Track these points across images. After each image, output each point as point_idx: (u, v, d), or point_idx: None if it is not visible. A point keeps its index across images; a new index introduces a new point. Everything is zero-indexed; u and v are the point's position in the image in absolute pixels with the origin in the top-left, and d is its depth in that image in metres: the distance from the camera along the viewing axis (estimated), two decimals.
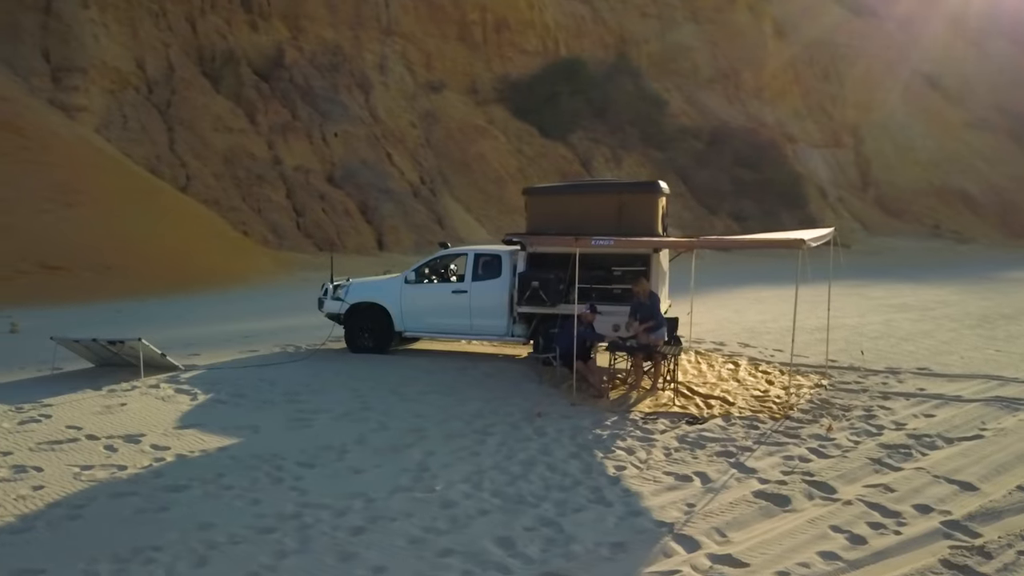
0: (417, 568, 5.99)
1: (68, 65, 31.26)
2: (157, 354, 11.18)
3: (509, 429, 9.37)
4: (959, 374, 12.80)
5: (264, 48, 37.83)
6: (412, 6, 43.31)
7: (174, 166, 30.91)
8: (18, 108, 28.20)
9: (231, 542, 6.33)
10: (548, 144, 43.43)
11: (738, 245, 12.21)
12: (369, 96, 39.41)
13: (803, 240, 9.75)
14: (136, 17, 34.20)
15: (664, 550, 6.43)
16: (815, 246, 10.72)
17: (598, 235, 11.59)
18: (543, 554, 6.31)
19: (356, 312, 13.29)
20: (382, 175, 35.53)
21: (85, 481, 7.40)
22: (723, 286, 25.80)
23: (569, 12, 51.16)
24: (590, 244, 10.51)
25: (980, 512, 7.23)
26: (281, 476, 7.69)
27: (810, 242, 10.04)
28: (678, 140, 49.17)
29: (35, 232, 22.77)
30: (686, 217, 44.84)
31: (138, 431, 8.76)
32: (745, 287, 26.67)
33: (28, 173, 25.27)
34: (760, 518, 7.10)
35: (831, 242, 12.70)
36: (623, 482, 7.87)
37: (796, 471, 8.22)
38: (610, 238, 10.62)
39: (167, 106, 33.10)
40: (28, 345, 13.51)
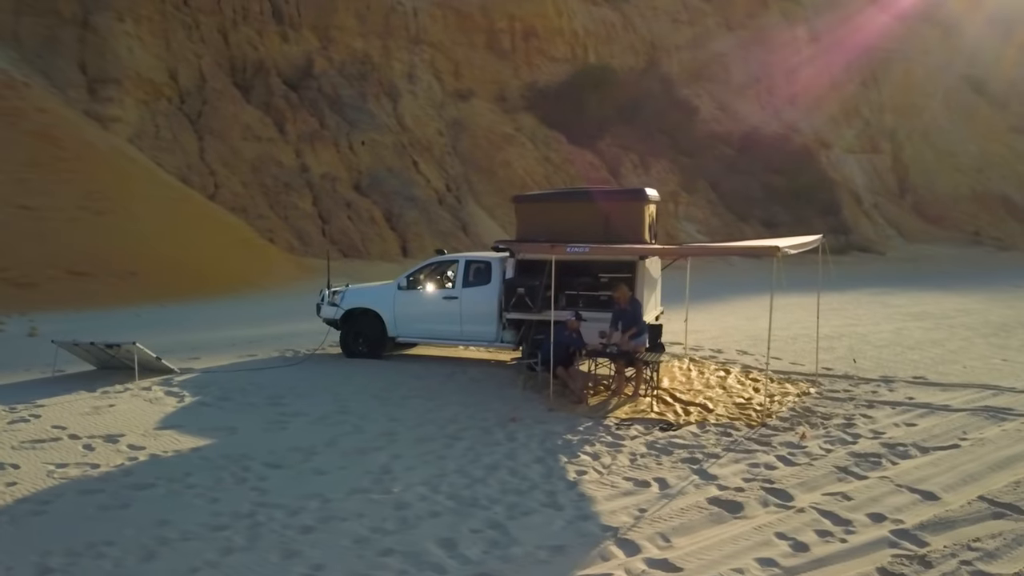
0: (354, 567, 6.17)
1: (103, 77, 32.25)
2: (152, 357, 11.57)
3: (480, 434, 9.52)
4: (955, 383, 12.63)
5: (294, 58, 38.54)
6: (440, 15, 43.75)
7: (203, 174, 31.66)
8: (55, 119, 29.15)
9: (182, 539, 6.58)
10: (575, 151, 43.49)
11: (715, 252, 12.19)
12: (397, 104, 39.90)
13: (778, 248, 9.74)
14: (169, 29, 35.12)
15: (602, 554, 6.53)
16: (794, 253, 10.66)
17: (586, 242, 11.72)
18: (483, 555, 6.45)
19: (351, 317, 13.58)
20: (408, 183, 35.94)
21: (57, 478, 7.73)
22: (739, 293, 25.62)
23: (599, 19, 51.19)
24: (565, 251, 10.62)
25: (933, 521, 7.19)
26: (246, 476, 7.94)
27: (787, 250, 10.02)
28: (708, 147, 48.86)
29: (65, 239, 23.52)
30: (715, 224, 44.61)
31: (119, 431, 9.11)
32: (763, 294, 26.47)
33: (61, 182, 26.12)
34: (708, 524, 7.15)
35: (818, 250, 12.59)
36: (580, 487, 7.98)
37: (758, 478, 8.24)
38: (585, 245, 10.72)
39: (198, 116, 33.92)
40: (41, 348, 14.00)
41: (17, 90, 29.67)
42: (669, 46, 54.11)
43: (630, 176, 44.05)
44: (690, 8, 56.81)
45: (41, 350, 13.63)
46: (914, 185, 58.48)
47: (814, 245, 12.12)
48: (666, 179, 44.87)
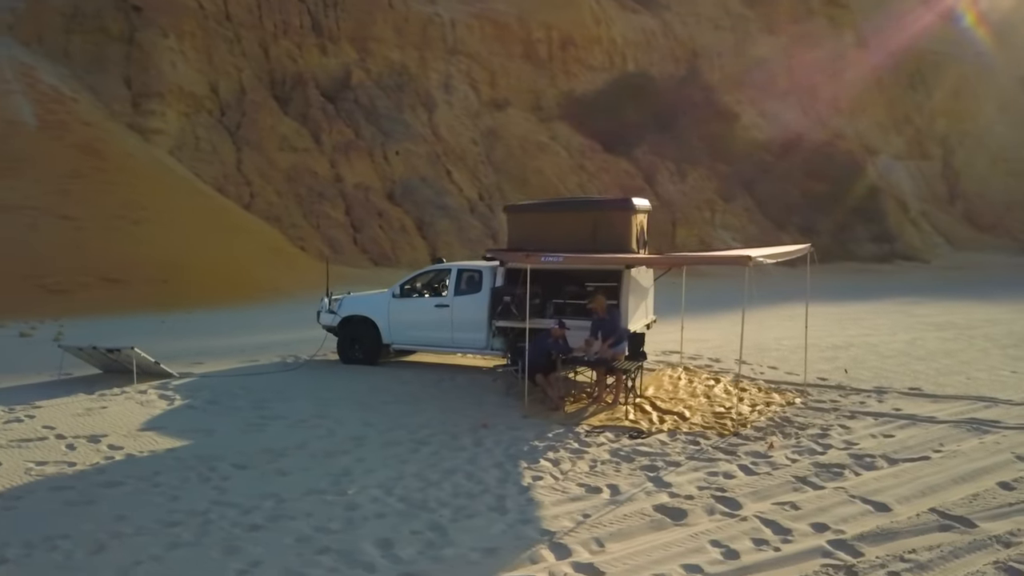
0: (289, 564, 6.43)
1: (147, 91, 33.42)
2: (150, 362, 12.07)
3: (448, 439, 9.74)
4: (950, 395, 12.43)
5: (332, 70, 39.38)
6: (478, 26, 44.23)
7: (239, 184, 32.57)
8: (99, 132, 30.39)
9: (135, 534, 6.93)
10: (610, 159, 43.53)
11: (687, 262, 12.20)
12: (432, 115, 40.46)
13: (749, 257, 9.76)
14: (212, 44, 36.23)
15: (532, 557, 6.68)
16: (769, 263, 10.65)
17: (575, 251, 11.90)
18: (415, 556, 6.66)
19: (348, 325, 13.95)
20: (440, 192, 36.42)
21: (33, 476, 8.19)
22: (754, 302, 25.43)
23: (638, 27, 51.15)
24: (539, 260, 10.79)
25: (875, 532, 7.18)
26: (211, 476, 8.29)
27: (760, 259, 10.02)
28: (748, 154, 48.39)
29: (101, 248, 24.48)
30: (752, 232, 44.12)
31: (103, 432, 9.57)
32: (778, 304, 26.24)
33: (101, 192, 27.22)
34: (646, 531, 7.25)
35: (807, 259, 12.53)
36: (531, 492, 8.14)
37: (712, 487, 8.30)
38: (559, 255, 10.87)
39: (237, 127, 34.91)
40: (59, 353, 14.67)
41: (65, 105, 31.01)
42: (710, 53, 53.80)
43: (666, 184, 43.96)
44: (732, 14, 56.42)
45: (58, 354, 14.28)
46: (965, 192, 57.07)
47: (799, 254, 12.06)
48: (703, 187, 44.65)
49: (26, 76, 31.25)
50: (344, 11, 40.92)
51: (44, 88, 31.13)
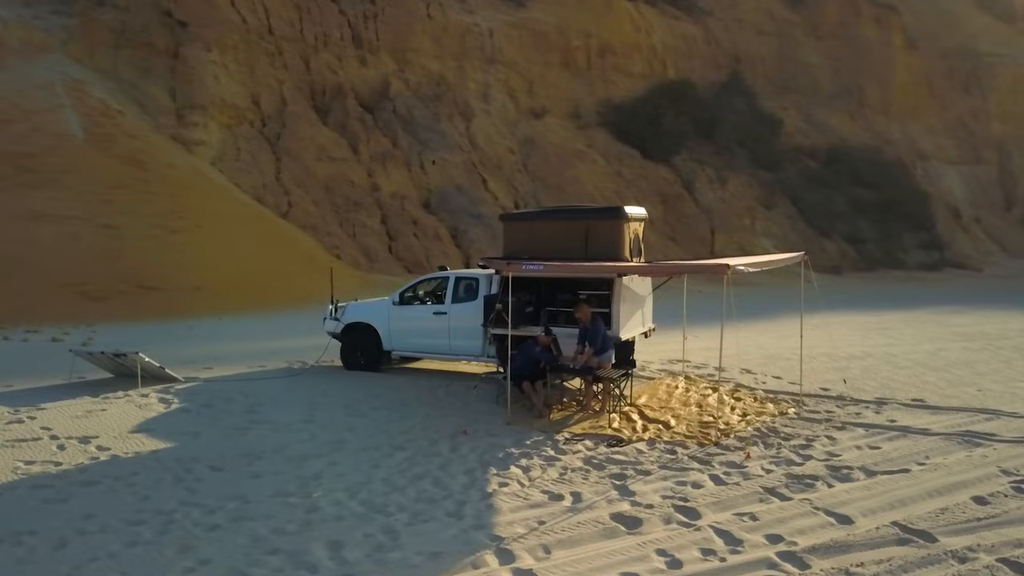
0: (236, 563, 6.65)
1: (191, 103, 34.41)
2: (155, 366, 12.49)
3: (427, 445, 9.89)
4: (953, 407, 12.13)
5: (371, 81, 40.02)
6: (516, 35, 44.49)
7: (278, 194, 33.30)
8: (143, 144, 31.39)
9: (99, 531, 7.24)
10: (649, 166, 43.30)
11: (665, 271, 12.12)
12: (470, 124, 40.80)
13: (728, 265, 9.70)
14: (253, 57, 37.14)
15: (475, 562, 6.78)
16: (751, 271, 10.55)
17: (567, 259, 11.99)
18: (361, 558, 6.82)
19: (351, 331, 14.22)
20: (475, 200, 36.70)
21: (19, 474, 8.58)
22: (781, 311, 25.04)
23: (679, 34, 50.82)
24: (521, 268, 10.88)
25: (828, 545, 7.11)
26: (185, 477, 8.58)
27: (739, 268, 9.95)
28: (791, 160, 47.65)
29: (139, 255, 25.29)
30: (793, 239, 43.37)
31: (94, 434, 9.96)
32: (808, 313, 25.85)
33: (142, 202, 28.11)
34: (596, 538, 7.29)
35: (802, 267, 12.37)
36: (493, 498, 8.23)
37: (676, 496, 8.29)
38: (540, 263, 10.94)
39: (277, 138, 35.70)
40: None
41: (112, 118, 32.11)
42: (754, 58, 53.21)
43: (705, 191, 43.56)
44: (777, 19, 55.68)
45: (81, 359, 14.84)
46: (1022, 197, 55.27)
47: (791, 262, 11.91)
48: (743, 194, 44.12)
49: (76, 91, 32.45)
50: (383, 22, 41.58)
51: (93, 102, 32.28)
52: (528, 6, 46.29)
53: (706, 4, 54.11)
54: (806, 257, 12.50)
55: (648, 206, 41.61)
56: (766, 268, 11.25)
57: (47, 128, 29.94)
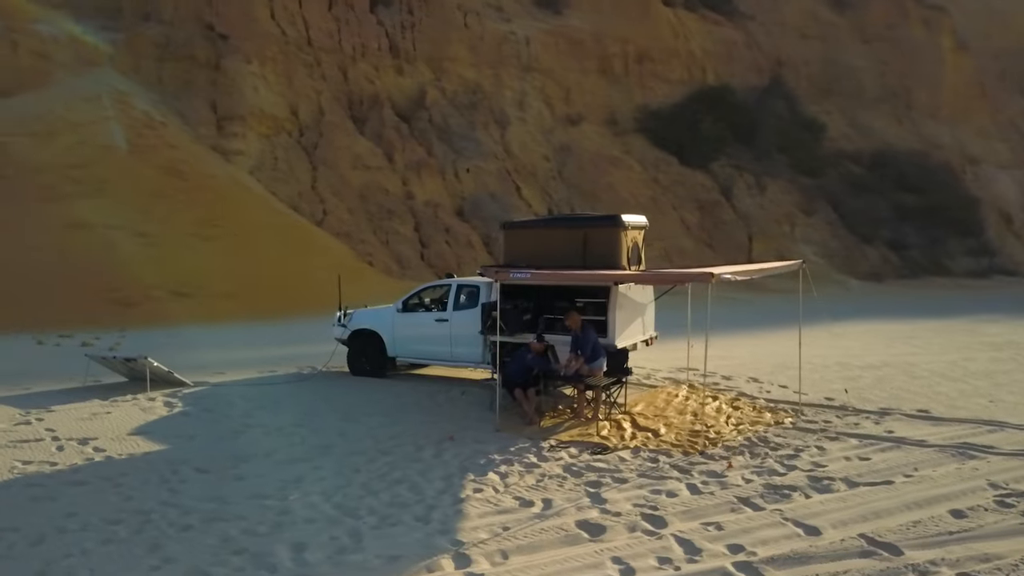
0: (199, 562, 6.85)
1: (230, 114, 35.28)
2: (164, 371, 12.90)
3: (412, 451, 10.03)
4: (958, 418, 11.86)
5: (408, 90, 40.51)
6: (552, 43, 44.62)
7: (313, 202, 33.92)
8: (183, 155, 32.31)
9: (79, 529, 7.52)
10: (686, 172, 43.01)
11: (647, 281, 12.03)
12: (505, 132, 41.03)
13: (712, 274, 9.66)
14: (292, 68, 37.92)
15: (431, 566, 6.89)
16: (739, 280, 10.47)
17: (565, 267, 12.08)
18: (321, 560, 6.98)
19: (357, 338, 14.48)
20: (508, 208, 36.83)
21: (15, 473, 8.96)
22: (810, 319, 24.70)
23: (719, 39, 50.41)
24: (508, 277, 10.98)
25: (787, 556, 7.05)
26: (171, 479, 8.86)
27: (724, 276, 9.90)
28: (833, 165, 46.89)
29: (173, 262, 26.02)
30: (834, 246, 42.75)
31: (94, 435, 10.33)
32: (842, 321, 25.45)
33: (180, 211, 28.94)
34: (556, 545, 7.34)
35: (799, 276, 12.22)
36: (464, 504, 8.33)
37: (647, 505, 8.29)
38: (527, 271, 11.02)
39: (314, 147, 36.37)
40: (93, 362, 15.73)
41: (155, 129, 33.12)
42: (796, 62, 52.53)
43: (744, 197, 43.12)
44: (821, 22, 54.91)
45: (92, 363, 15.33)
46: None
47: (787, 270, 11.79)
48: (782, 200, 43.56)
49: (121, 103, 33.55)
50: (420, 32, 42.08)
51: (137, 114, 33.34)
52: (565, 14, 46.40)
53: (748, 8, 53.63)
54: (804, 265, 12.36)
55: (685, 212, 41.66)
56: (756, 276, 11.15)
57: (93, 140, 31.02)
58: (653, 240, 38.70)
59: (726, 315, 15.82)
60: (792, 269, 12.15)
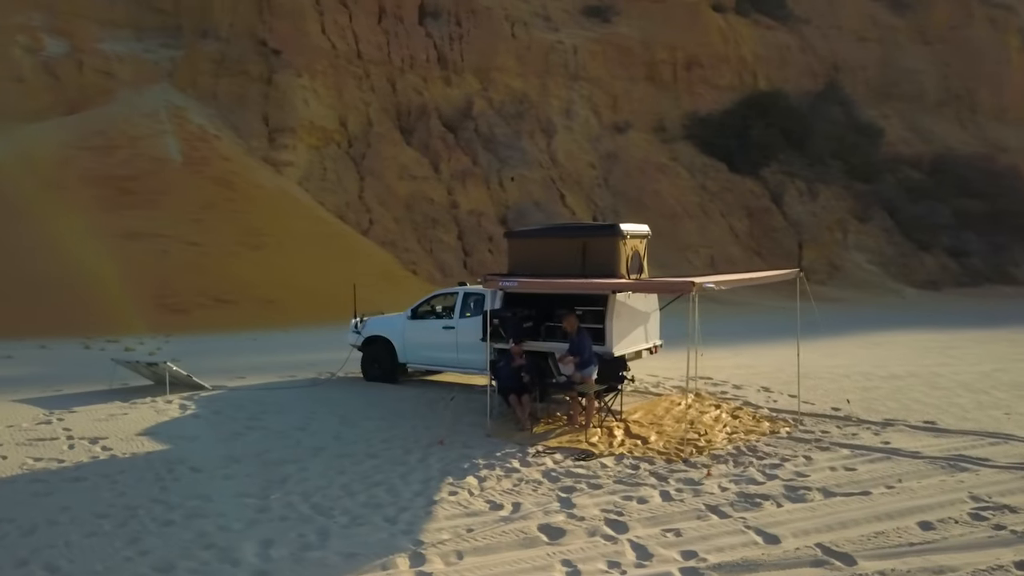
0: (169, 555, 7.24)
1: (282, 127, 36.39)
2: (183, 375, 13.49)
3: (400, 454, 10.32)
4: (964, 430, 11.60)
5: (455, 100, 41.10)
6: (600, 51, 44.71)
7: (359, 212, 34.72)
8: (235, 166, 33.46)
9: (68, 522, 8.02)
10: (735, 179, 42.54)
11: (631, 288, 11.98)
12: (551, 140, 41.26)
13: (693, 283, 9.71)
14: (342, 81, 38.89)
15: (385, 564, 7.16)
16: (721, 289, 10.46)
17: (565, 275, 12.26)
18: (283, 556, 7.30)
19: (370, 344, 14.89)
20: (552, 216, 37.00)
21: (24, 469, 9.56)
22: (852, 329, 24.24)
23: (772, 43, 49.74)
24: (499, 285, 11.20)
25: (736, 563, 7.11)
26: (165, 477, 9.33)
27: (706, 285, 9.92)
28: (890, 170, 45.73)
29: (220, 271, 26.98)
30: (890, 253, 41.72)
31: (105, 435, 10.91)
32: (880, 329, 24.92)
33: (228, 221, 29.97)
34: (512, 548, 7.52)
35: (796, 285, 12.12)
36: (435, 506, 8.57)
37: (613, 510, 8.40)
38: (515, 279, 11.21)
39: (362, 158, 37.22)
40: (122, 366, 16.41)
41: (208, 142, 34.39)
42: (853, 65, 51.52)
43: (794, 204, 42.42)
44: (880, 24, 53.72)
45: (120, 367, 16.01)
46: None
47: (781, 279, 11.70)
48: (834, 206, 42.70)
49: (178, 117, 34.95)
50: (468, 43, 42.66)
51: (192, 128, 34.68)
52: (613, 22, 46.45)
53: (803, 12, 52.82)
54: (801, 274, 12.25)
55: (733, 219, 41.21)
56: (744, 286, 11.11)
57: (149, 153, 32.38)
58: (699, 247, 38.58)
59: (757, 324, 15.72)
60: (788, 278, 12.06)
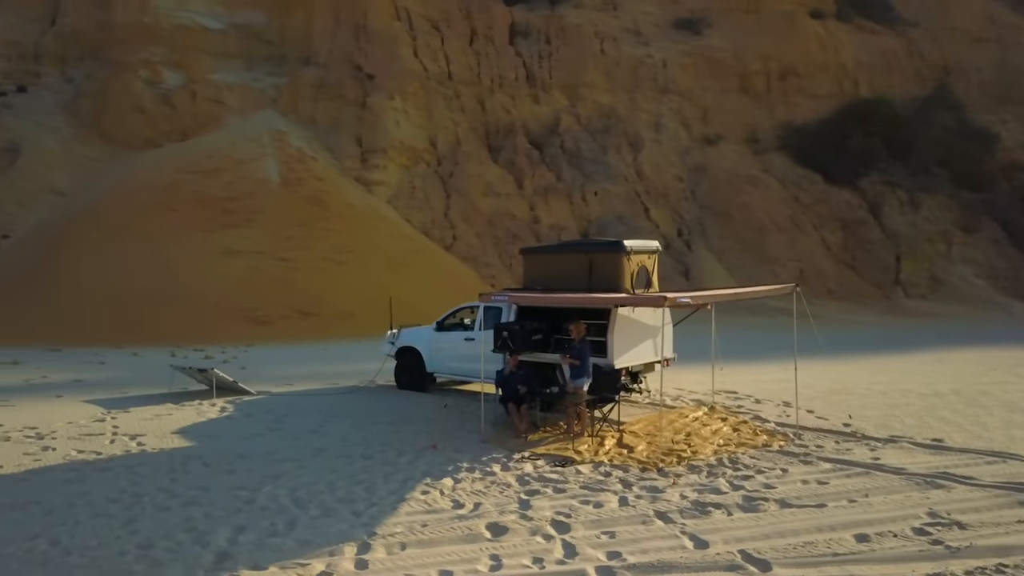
0: (152, 536, 8.24)
1: (374, 147, 38.27)
2: (229, 381, 14.76)
3: (393, 456, 11.09)
4: (966, 448, 11.34)
5: (543, 117, 41.97)
6: (690, 63, 44.56)
7: (444, 228, 36.03)
8: (328, 186, 35.43)
9: (84, 505, 9.17)
10: (830, 190, 41.40)
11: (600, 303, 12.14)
12: (638, 154, 41.46)
13: (665, 298, 10.03)
14: (432, 102, 40.48)
15: (332, 551, 7.91)
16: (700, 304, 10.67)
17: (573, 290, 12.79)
18: (249, 541, 8.14)
19: (402, 354, 15.80)
20: (635, 230, 37.14)
21: (66, 460, 10.90)
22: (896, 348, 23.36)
23: (876, 49, 48.07)
24: (491, 299, 11.82)
25: (651, 564, 7.47)
26: (178, 470, 10.43)
27: (680, 299, 10.20)
28: (1004, 178, 43.30)
29: (306, 285, 28.71)
30: (1000, 266, 39.53)
31: (144, 432, 12.20)
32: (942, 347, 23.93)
33: (319, 238, 31.80)
34: (454, 542, 8.11)
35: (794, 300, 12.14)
36: (403, 503, 9.26)
37: (564, 513, 8.88)
38: (506, 293, 11.78)
39: (450, 176, 38.60)
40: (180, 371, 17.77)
41: (305, 163, 36.56)
42: (967, 68, 49.12)
43: (894, 215, 40.90)
44: (998, 23, 51.01)
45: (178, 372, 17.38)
46: None
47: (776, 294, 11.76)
48: (938, 217, 40.87)
49: (279, 141, 37.32)
50: (557, 61, 43.50)
51: (291, 150, 36.96)
52: (705, 33, 46.21)
53: (911, 15, 50.83)
54: (797, 290, 12.23)
55: (826, 232, 40.20)
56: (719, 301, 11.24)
57: (250, 175, 34.75)
58: (787, 260, 37.77)
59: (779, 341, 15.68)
60: (784, 293, 12.09)
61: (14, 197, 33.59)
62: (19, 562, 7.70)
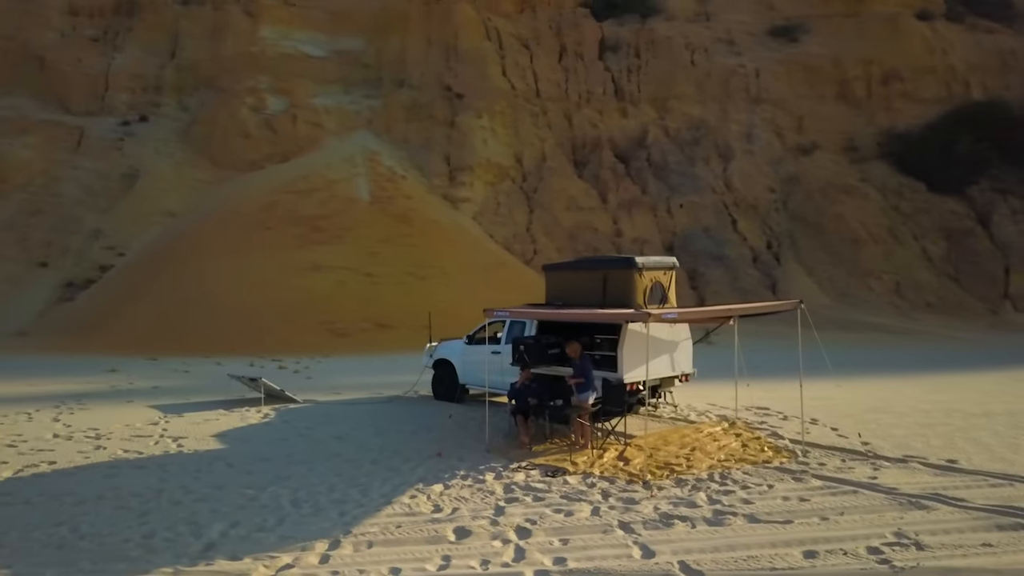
0: (156, 525, 9.11)
1: (461, 165, 39.44)
2: (276, 389, 15.82)
3: (398, 463, 11.70)
4: (977, 471, 10.94)
5: (630, 131, 42.10)
6: (784, 72, 43.65)
7: (525, 242, 36.71)
8: (415, 204, 36.81)
9: (112, 497, 10.23)
10: (933, 199, 39.59)
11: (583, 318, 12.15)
12: (728, 165, 40.93)
13: (649, 313, 10.25)
14: (519, 119, 41.34)
15: (305, 546, 8.58)
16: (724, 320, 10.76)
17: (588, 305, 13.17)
18: (239, 534, 8.92)
19: (439, 366, 16.49)
20: (721, 242, 36.81)
21: (111, 458, 12.08)
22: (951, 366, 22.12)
23: (990, 49, 45.65)
24: (493, 315, 12.27)
25: (589, 570, 7.78)
26: (202, 469, 11.40)
27: (665, 316, 10.38)
28: None
29: (387, 299, 30.00)
30: None
31: (187, 435, 13.33)
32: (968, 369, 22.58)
33: (402, 254, 33.12)
34: (416, 543, 8.62)
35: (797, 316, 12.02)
36: (387, 506, 9.84)
37: (530, 520, 9.22)
38: (507, 309, 12.19)
39: (534, 191, 39.29)
40: (282, 381, 19.06)
41: (395, 182, 38.12)
42: None
43: (1005, 224, 38.71)
44: None
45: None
46: None
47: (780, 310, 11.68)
48: None
49: (371, 160, 39.08)
50: (646, 74, 43.56)
51: (382, 169, 38.63)
52: (801, 40, 45.18)
53: None
54: (801, 306, 12.08)
55: (928, 243, 38.57)
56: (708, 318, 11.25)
57: (343, 194, 36.56)
58: (883, 273, 36.39)
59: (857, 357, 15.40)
60: (786, 309, 11.98)
61: (131, 218, 36.58)
62: (40, 544, 8.74)
